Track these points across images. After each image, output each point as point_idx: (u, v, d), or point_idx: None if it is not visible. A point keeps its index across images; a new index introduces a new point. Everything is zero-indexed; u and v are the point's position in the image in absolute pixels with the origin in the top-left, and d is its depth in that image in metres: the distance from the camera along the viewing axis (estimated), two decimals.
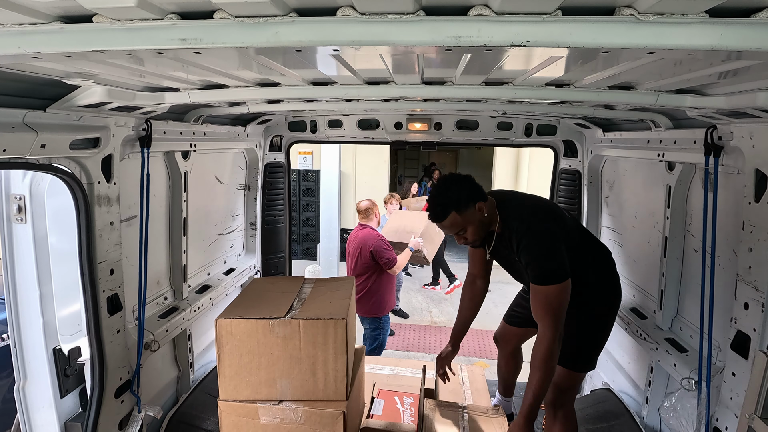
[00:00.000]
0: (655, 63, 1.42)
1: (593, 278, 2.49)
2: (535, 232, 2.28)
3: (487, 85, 2.06)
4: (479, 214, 2.35)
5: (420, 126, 3.82)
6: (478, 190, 2.39)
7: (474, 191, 2.37)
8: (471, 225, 2.37)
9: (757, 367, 1.78)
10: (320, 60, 1.65)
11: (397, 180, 16.65)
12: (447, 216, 2.33)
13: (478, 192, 2.38)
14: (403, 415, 2.83)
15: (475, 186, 2.40)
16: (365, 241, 4.62)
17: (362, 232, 4.72)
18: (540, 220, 2.35)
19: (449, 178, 2.43)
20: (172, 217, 3.04)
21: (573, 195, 3.86)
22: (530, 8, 1.03)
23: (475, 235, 2.41)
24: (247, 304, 2.37)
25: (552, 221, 2.35)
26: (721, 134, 2.13)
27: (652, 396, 2.87)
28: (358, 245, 4.66)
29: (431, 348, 6.90)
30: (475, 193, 2.36)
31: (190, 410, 3.00)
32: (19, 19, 1.13)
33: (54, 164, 2.00)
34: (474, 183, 2.42)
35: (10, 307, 2.22)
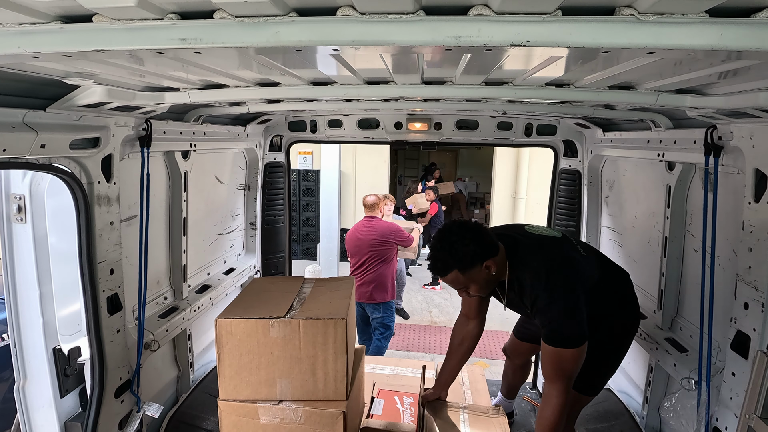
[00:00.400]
0: (655, 63, 1.42)
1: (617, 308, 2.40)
2: (552, 292, 2.07)
3: (487, 85, 2.06)
4: (486, 273, 2.12)
5: (420, 126, 3.82)
6: (488, 246, 2.11)
7: (482, 248, 2.09)
8: (475, 283, 2.17)
9: (757, 367, 1.78)
10: (320, 60, 1.65)
11: (397, 180, 16.65)
12: (448, 273, 2.13)
13: (486, 248, 2.10)
14: (403, 415, 2.83)
15: (484, 240, 2.11)
16: (386, 228, 5.06)
17: (375, 222, 5.10)
18: (557, 275, 2.11)
19: (454, 229, 2.13)
20: (172, 217, 3.04)
21: (573, 195, 3.86)
22: (530, 8, 1.03)
23: (479, 292, 2.23)
24: (247, 303, 2.37)
25: (569, 275, 2.13)
26: (721, 134, 2.13)
27: (651, 396, 2.87)
28: (378, 233, 5.00)
29: (431, 348, 6.91)
30: (484, 250, 2.10)
31: (190, 410, 3.00)
32: (19, 18, 1.13)
33: (54, 164, 2.00)
34: (483, 237, 2.12)
35: (10, 307, 2.22)
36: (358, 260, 5.07)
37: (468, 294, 2.26)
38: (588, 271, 2.24)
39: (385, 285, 5.08)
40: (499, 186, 11.01)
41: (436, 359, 6.27)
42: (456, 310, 8.19)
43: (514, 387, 3.33)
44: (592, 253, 2.47)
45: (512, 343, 3.10)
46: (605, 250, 3.71)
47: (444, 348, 6.75)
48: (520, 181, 10.56)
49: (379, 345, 5.20)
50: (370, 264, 5.02)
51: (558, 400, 2.04)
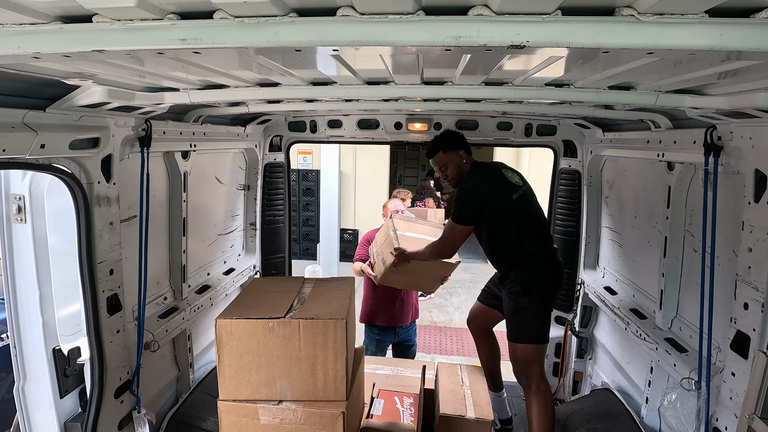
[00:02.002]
0: (654, 63, 1.42)
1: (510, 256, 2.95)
2: (462, 188, 3.01)
3: (487, 85, 2.06)
4: (458, 159, 3.06)
5: (420, 126, 3.83)
6: (464, 144, 3.10)
7: (458, 142, 3.08)
8: (451, 164, 3.07)
9: (757, 367, 1.78)
10: (320, 60, 1.65)
11: (397, 180, 16.65)
12: (436, 153, 3.09)
13: (463, 144, 3.09)
14: (403, 415, 2.84)
15: (463, 140, 3.12)
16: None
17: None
18: (475, 180, 2.99)
19: (447, 131, 3.21)
20: (171, 217, 3.03)
21: (573, 195, 3.86)
22: (530, 8, 1.03)
23: (452, 173, 3.09)
24: (247, 304, 2.37)
25: (481, 186, 2.93)
26: (720, 134, 2.13)
27: (651, 396, 2.87)
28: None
29: (431, 348, 6.91)
30: (459, 143, 3.08)
31: (189, 410, 3.00)
32: (18, 19, 1.13)
33: (54, 164, 2.00)
34: (463, 139, 3.13)
35: (9, 307, 2.22)
36: None
37: (446, 176, 3.13)
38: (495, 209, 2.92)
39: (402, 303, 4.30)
40: None
41: (436, 359, 6.27)
42: (456, 310, 8.20)
43: (493, 370, 3.43)
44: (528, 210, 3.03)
45: (474, 308, 3.54)
46: (605, 250, 3.72)
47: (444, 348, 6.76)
48: None
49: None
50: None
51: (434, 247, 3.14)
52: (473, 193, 2.91)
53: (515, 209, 2.94)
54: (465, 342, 7.06)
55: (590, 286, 3.70)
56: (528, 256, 2.91)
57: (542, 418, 2.77)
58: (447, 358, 6.79)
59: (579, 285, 3.85)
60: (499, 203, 2.92)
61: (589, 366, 3.89)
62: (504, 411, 3.39)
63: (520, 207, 2.97)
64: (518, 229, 2.91)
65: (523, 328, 2.87)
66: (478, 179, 2.98)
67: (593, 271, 3.81)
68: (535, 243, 2.93)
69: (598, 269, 3.80)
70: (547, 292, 2.91)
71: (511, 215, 2.92)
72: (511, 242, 2.92)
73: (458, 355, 6.90)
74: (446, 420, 2.78)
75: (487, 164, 3.19)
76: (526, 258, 2.91)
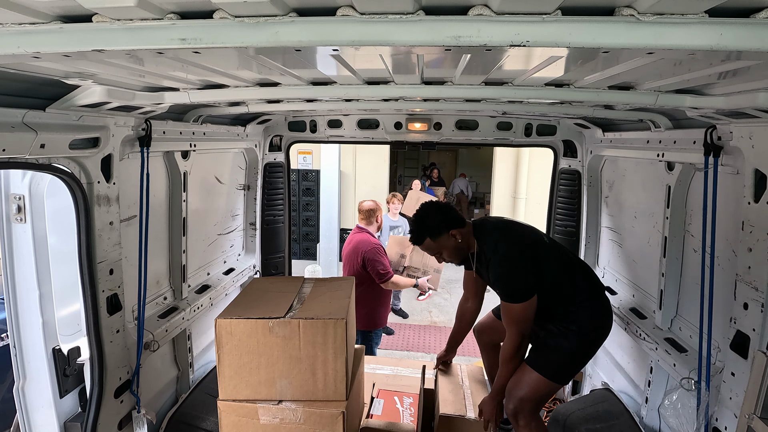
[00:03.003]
0: (654, 63, 1.42)
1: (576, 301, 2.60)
2: (501, 255, 2.54)
3: (487, 85, 2.06)
4: (453, 240, 2.65)
5: (420, 126, 3.82)
6: (453, 219, 2.65)
7: (448, 220, 2.64)
8: (445, 249, 2.69)
9: (757, 367, 1.78)
10: (320, 60, 1.65)
11: (397, 180, 16.65)
12: (423, 241, 2.69)
13: (452, 220, 2.64)
14: (403, 415, 2.84)
15: (450, 214, 2.67)
16: (359, 246, 4.15)
17: (358, 236, 4.26)
18: (507, 243, 2.56)
19: (427, 206, 2.74)
20: (171, 217, 3.03)
21: (573, 195, 3.86)
22: (530, 8, 1.03)
23: (450, 257, 2.74)
24: (247, 304, 2.37)
25: (519, 245, 2.55)
26: (720, 134, 2.13)
27: (651, 396, 2.87)
28: (352, 251, 4.21)
29: (431, 348, 6.90)
30: (449, 221, 2.64)
31: (189, 410, 3.00)
32: (18, 18, 1.13)
33: (53, 164, 2.00)
34: (450, 212, 2.70)
35: (9, 307, 2.22)
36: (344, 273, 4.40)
37: (444, 259, 2.78)
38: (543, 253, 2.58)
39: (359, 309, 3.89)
40: (499, 186, 11.02)
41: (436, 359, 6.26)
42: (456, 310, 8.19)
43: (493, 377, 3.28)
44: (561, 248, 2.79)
45: (486, 319, 3.26)
46: (605, 250, 3.71)
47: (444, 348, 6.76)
48: (520, 180, 10.56)
49: None
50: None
51: (513, 339, 2.53)
52: (517, 260, 2.48)
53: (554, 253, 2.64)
54: (465, 342, 7.06)
55: None
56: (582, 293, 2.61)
57: None
58: None
59: None
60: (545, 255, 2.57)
61: (588, 366, 3.89)
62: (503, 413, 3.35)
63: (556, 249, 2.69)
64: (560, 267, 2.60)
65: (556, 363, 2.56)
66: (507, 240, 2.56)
67: None
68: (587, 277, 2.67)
69: (597, 269, 3.80)
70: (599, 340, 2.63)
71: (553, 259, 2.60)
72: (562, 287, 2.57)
73: (458, 354, 6.89)
74: (446, 420, 2.78)
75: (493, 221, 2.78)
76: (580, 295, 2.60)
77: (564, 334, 2.56)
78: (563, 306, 2.58)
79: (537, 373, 2.55)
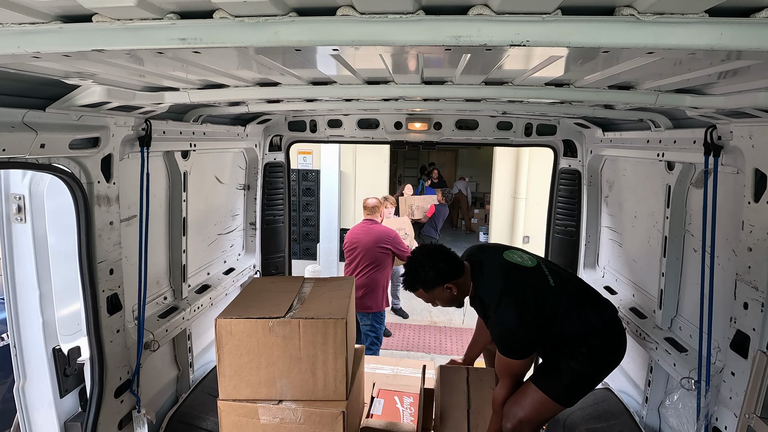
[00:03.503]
0: (655, 63, 1.42)
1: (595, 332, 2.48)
2: (501, 314, 2.37)
3: (487, 85, 2.06)
4: (447, 293, 2.49)
5: (420, 126, 3.82)
6: (447, 272, 2.46)
7: (442, 274, 2.45)
8: (439, 300, 2.55)
9: (757, 367, 1.78)
10: (320, 60, 1.65)
11: (397, 180, 16.66)
12: (416, 291, 2.55)
13: (445, 274, 2.46)
14: (403, 415, 2.84)
15: (444, 267, 2.46)
16: (385, 233, 4.90)
17: (375, 225, 4.98)
18: (510, 299, 2.37)
19: (421, 255, 2.53)
20: (171, 216, 3.03)
21: (573, 195, 3.86)
22: (530, 8, 1.03)
23: (445, 305, 2.60)
24: (247, 303, 2.37)
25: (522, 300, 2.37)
26: (720, 134, 2.13)
27: (651, 396, 2.87)
28: (375, 237, 4.85)
29: (431, 348, 6.90)
30: (443, 275, 2.46)
31: (189, 410, 3.00)
32: (18, 18, 1.13)
33: (53, 164, 2.00)
34: (444, 262, 2.47)
35: (9, 307, 2.22)
36: (352, 263, 4.94)
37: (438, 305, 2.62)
38: (548, 301, 2.43)
39: (376, 292, 4.89)
40: (499, 186, 11.00)
41: (436, 359, 6.27)
42: (456, 311, 8.18)
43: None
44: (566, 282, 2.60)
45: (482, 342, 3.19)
46: (605, 249, 3.71)
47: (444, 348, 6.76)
48: (520, 180, 10.55)
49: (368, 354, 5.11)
50: (363, 268, 4.86)
51: (505, 390, 2.47)
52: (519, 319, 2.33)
53: (561, 293, 2.48)
54: (465, 342, 7.06)
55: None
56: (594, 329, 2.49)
57: None
58: (447, 358, 6.77)
59: None
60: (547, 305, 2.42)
61: None
62: None
63: (562, 288, 2.52)
64: (570, 308, 2.46)
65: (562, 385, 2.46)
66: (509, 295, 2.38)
67: (593, 271, 3.81)
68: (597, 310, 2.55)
69: (597, 269, 3.80)
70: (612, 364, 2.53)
71: (562, 303, 2.47)
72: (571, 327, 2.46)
73: (458, 354, 6.89)
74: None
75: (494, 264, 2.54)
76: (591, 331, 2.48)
77: (575, 356, 2.44)
78: (575, 335, 2.47)
79: (542, 393, 2.44)
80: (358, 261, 4.90)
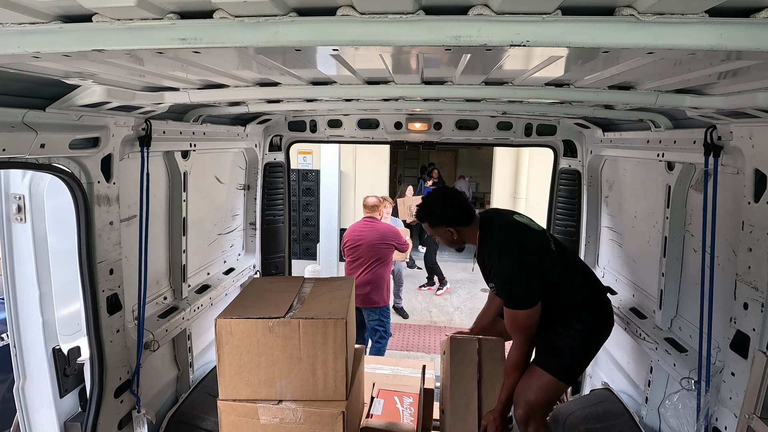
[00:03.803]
0: (655, 63, 1.42)
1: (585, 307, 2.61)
2: (504, 265, 2.52)
3: (487, 85, 2.06)
4: (448, 234, 2.70)
5: (420, 126, 3.82)
6: (454, 217, 2.66)
7: (448, 217, 2.66)
8: (440, 237, 2.77)
9: (757, 367, 1.78)
10: (320, 60, 1.65)
11: (397, 180, 16.66)
12: (423, 222, 2.79)
13: (453, 218, 2.66)
14: (403, 415, 2.84)
15: (452, 212, 2.66)
16: (387, 229, 5.10)
17: (376, 222, 5.13)
18: (512, 252, 2.53)
19: (437, 194, 2.79)
20: (171, 216, 3.03)
21: (573, 195, 3.86)
22: (530, 8, 1.03)
23: (444, 243, 2.81)
24: (247, 303, 2.37)
25: (522, 254, 2.52)
26: (720, 134, 2.13)
27: (651, 396, 2.87)
28: (378, 234, 5.00)
29: (431, 348, 6.91)
30: (449, 218, 2.66)
31: (189, 410, 3.00)
32: (18, 18, 1.13)
33: (53, 164, 2.00)
34: (454, 208, 2.67)
35: (9, 307, 2.22)
36: (357, 260, 5.01)
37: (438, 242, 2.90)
38: (546, 262, 2.56)
39: (381, 287, 5.04)
40: (499, 186, 11.01)
41: (436, 359, 6.27)
42: (456, 310, 8.20)
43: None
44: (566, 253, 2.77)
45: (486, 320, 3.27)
46: (605, 249, 3.71)
47: None
48: (520, 180, 10.56)
49: (378, 347, 5.19)
50: (368, 265, 4.96)
51: (519, 348, 2.56)
52: (520, 269, 2.48)
53: (558, 259, 2.62)
54: None
55: None
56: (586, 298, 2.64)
57: None
58: None
59: None
60: (549, 263, 2.56)
61: (589, 366, 3.88)
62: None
63: (561, 255, 2.66)
64: (564, 277, 2.59)
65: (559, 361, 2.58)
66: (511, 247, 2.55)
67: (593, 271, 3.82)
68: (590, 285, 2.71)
69: (597, 269, 3.80)
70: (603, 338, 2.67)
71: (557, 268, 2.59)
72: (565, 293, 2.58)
73: None
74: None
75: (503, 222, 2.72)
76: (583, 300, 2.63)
77: (570, 333, 2.56)
78: (567, 309, 2.58)
79: (548, 375, 2.54)
80: (363, 258, 4.97)
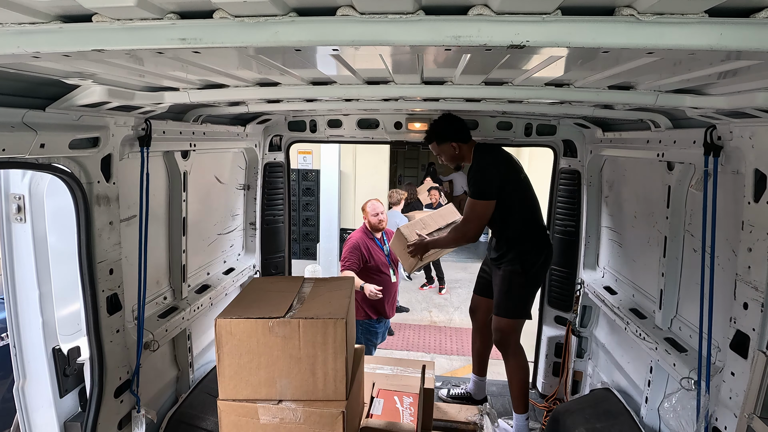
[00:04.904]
0: (654, 63, 1.42)
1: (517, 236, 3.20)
2: (480, 165, 3.20)
3: (487, 85, 2.06)
4: (452, 149, 3.27)
5: (420, 126, 3.83)
6: (457, 132, 3.26)
7: (453, 133, 3.25)
8: (444, 154, 3.34)
9: (757, 367, 1.78)
10: (320, 60, 1.65)
11: (397, 180, 16.65)
12: (431, 142, 3.35)
13: (456, 134, 3.25)
14: (403, 415, 2.84)
15: (457, 130, 3.26)
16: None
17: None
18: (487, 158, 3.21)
19: (445, 116, 3.32)
20: (171, 216, 3.04)
21: (573, 195, 3.86)
22: (530, 8, 1.03)
23: (447, 159, 3.38)
24: (247, 303, 2.37)
25: (497, 163, 3.18)
26: (720, 134, 2.13)
27: (651, 396, 2.87)
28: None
29: (431, 348, 6.91)
30: (454, 133, 3.25)
31: (189, 410, 3.00)
32: (18, 18, 1.13)
33: (53, 164, 2.00)
34: (459, 127, 3.27)
35: (9, 307, 2.22)
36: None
37: (443, 161, 3.46)
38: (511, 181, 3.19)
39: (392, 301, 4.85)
40: None
41: (436, 359, 6.28)
42: (455, 310, 8.21)
43: (482, 358, 3.81)
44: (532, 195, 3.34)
45: (473, 300, 3.84)
46: (605, 249, 3.71)
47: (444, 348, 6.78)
48: None
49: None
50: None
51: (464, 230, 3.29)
52: (492, 168, 3.12)
53: (525, 189, 3.24)
54: (465, 342, 7.07)
55: (590, 286, 3.70)
56: (530, 238, 3.21)
57: (519, 376, 3.31)
58: (447, 357, 6.79)
59: (579, 285, 3.85)
60: (515, 179, 3.18)
61: (588, 366, 3.89)
62: (481, 392, 3.84)
63: (527, 188, 3.27)
64: (527, 209, 3.21)
65: (514, 305, 3.21)
66: (492, 156, 3.21)
67: (593, 271, 3.81)
68: (539, 225, 3.28)
69: (597, 269, 3.80)
70: (542, 275, 3.30)
71: (523, 193, 3.22)
72: (520, 221, 3.18)
73: (458, 354, 6.90)
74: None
75: (493, 145, 3.43)
76: (529, 239, 3.20)
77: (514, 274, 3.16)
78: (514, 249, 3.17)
79: (507, 320, 3.22)
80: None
